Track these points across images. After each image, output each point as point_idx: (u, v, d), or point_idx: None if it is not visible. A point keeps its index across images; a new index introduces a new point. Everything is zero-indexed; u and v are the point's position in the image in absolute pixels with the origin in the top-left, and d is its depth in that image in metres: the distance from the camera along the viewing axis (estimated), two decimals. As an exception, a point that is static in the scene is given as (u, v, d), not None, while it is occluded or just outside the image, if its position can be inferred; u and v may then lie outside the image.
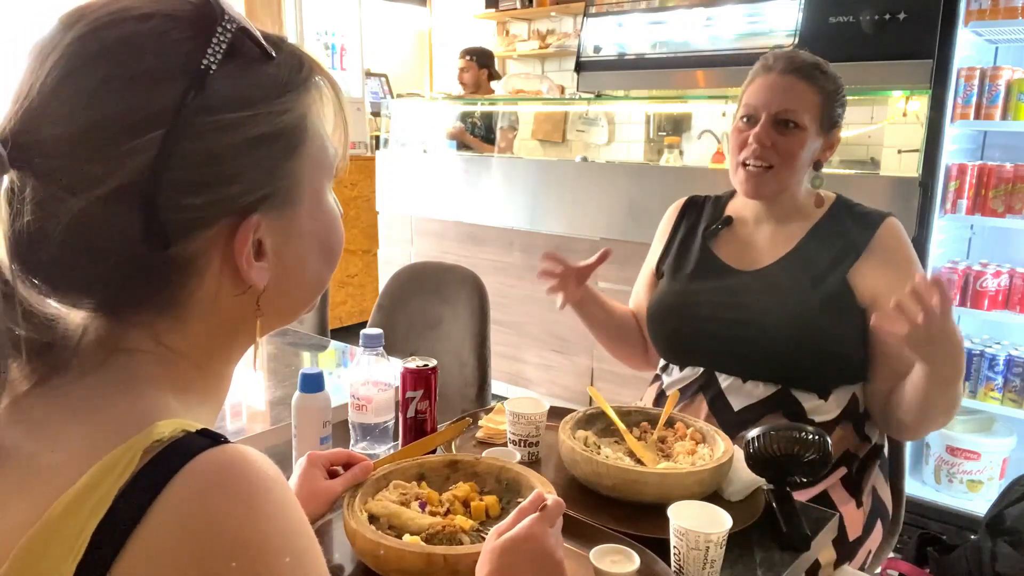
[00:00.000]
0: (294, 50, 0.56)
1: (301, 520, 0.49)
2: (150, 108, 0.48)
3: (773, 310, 1.37)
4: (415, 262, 2.49)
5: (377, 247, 4.16)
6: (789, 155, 1.38)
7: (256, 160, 0.52)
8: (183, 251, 0.51)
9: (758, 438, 1.05)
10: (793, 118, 1.37)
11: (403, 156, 3.92)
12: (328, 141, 0.59)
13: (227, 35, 0.51)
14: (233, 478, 0.46)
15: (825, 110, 1.39)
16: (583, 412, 1.24)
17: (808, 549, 1.00)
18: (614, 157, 4.49)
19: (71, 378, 0.53)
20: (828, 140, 1.43)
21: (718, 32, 2.98)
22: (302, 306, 0.62)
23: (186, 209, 0.50)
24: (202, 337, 0.56)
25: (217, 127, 0.50)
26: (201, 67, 0.49)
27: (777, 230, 1.46)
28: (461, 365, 2.07)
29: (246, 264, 0.54)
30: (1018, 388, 2.39)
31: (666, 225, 1.64)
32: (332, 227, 0.61)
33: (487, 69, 4.60)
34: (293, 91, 0.54)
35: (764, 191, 1.41)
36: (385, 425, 1.29)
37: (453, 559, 0.82)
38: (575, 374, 3.29)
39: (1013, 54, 2.53)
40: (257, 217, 0.53)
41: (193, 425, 0.49)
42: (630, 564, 0.86)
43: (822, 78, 1.39)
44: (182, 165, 0.49)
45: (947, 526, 2.39)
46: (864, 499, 1.39)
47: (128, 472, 0.45)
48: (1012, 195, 2.33)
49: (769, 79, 1.40)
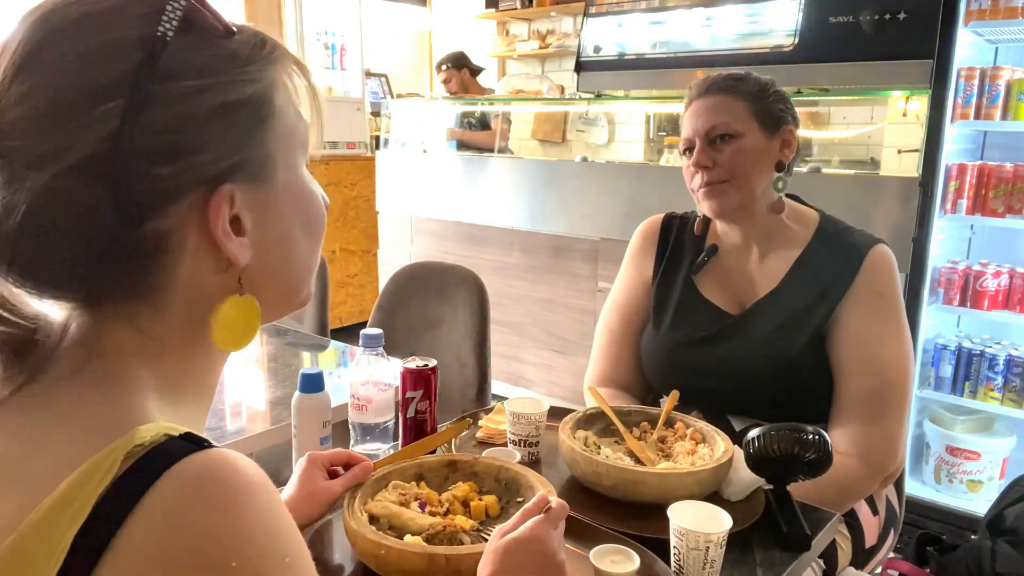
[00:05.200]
0: (257, 31, 0.56)
1: (287, 524, 0.48)
2: (107, 78, 0.48)
3: (759, 356, 1.35)
4: (415, 262, 2.49)
5: (377, 247, 4.16)
6: (735, 164, 1.34)
7: (221, 129, 0.52)
8: (157, 227, 0.51)
9: (758, 438, 1.05)
10: (723, 131, 1.34)
11: (403, 156, 3.92)
12: (300, 120, 0.59)
13: (180, 3, 0.51)
14: (215, 483, 0.46)
15: (757, 109, 1.35)
16: (583, 412, 1.24)
17: (808, 549, 1.00)
18: (614, 157, 4.49)
19: (52, 380, 0.52)
20: (781, 138, 1.37)
21: (718, 32, 2.98)
22: (294, 291, 0.61)
23: (154, 180, 0.49)
24: (185, 324, 0.55)
25: (178, 95, 0.50)
26: (156, 35, 0.50)
27: (763, 261, 1.42)
28: (461, 365, 2.07)
29: (223, 235, 0.53)
30: (1018, 388, 2.39)
31: (648, 242, 1.55)
32: (311, 202, 0.60)
33: (466, 68, 4.64)
34: (255, 63, 0.54)
35: (728, 206, 1.36)
36: (385, 425, 1.29)
37: (455, 559, 0.82)
38: (575, 374, 3.29)
39: (1013, 54, 2.53)
40: (230, 187, 0.53)
41: (176, 429, 0.48)
42: (630, 564, 0.86)
43: (739, 85, 1.36)
44: (145, 135, 0.49)
45: (947, 526, 2.39)
46: (880, 507, 1.39)
47: (108, 478, 0.45)
48: (1012, 195, 2.33)
49: (694, 107, 1.38)
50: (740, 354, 1.36)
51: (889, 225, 2.37)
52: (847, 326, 1.32)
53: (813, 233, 1.40)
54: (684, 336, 1.43)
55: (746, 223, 1.41)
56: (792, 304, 1.35)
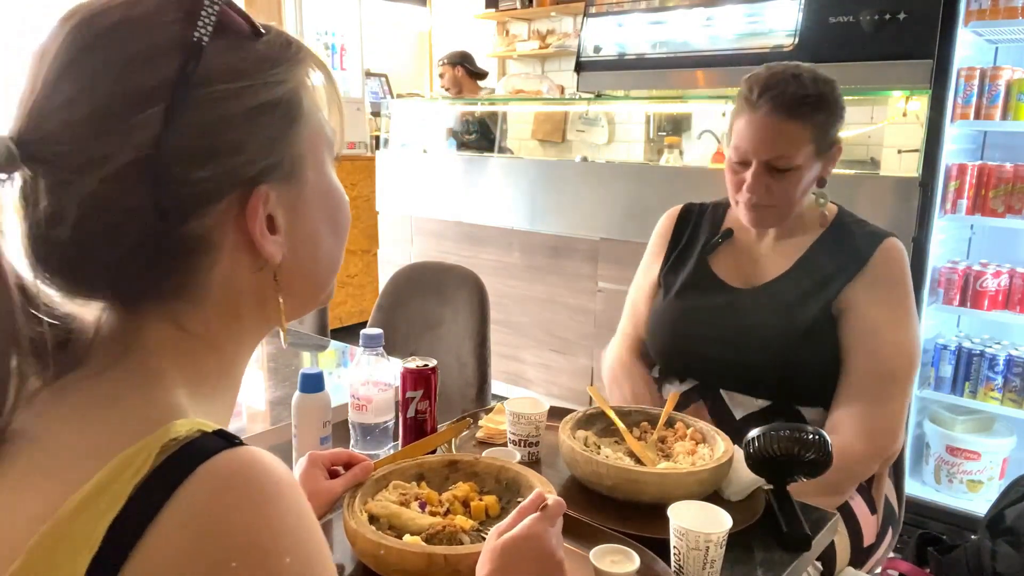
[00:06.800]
0: (281, 31, 0.58)
1: (312, 524, 0.50)
2: (149, 84, 0.50)
3: (764, 330, 1.36)
4: (415, 262, 2.49)
5: (377, 247, 4.16)
6: (786, 194, 1.35)
7: (257, 129, 0.53)
8: (197, 227, 0.52)
9: (758, 438, 1.05)
10: (785, 164, 1.31)
11: (403, 156, 3.92)
12: (324, 119, 0.60)
13: (214, 9, 0.52)
14: (247, 480, 0.47)
15: (820, 139, 1.33)
16: (583, 412, 1.24)
17: (808, 549, 1.00)
18: (614, 157, 4.49)
19: (87, 374, 0.53)
20: (829, 157, 1.38)
21: (718, 32, 2.97)
22: (320, 288, 0.63)
23: (195, 183, 0.51)
24: (219, 321, 0.57)
25: (216, 98, 0.51)
26: (193, 41, 0.51)
27: (777, 244, 1.45)
28: (461, 365, 2.07)
29: (260, 235, 0.54)
30: (1018, 388, 2.39)
31: (663, 236, 1.60)
32: (339, 202, 0.62)
33: (462, 67, 4.65)
34: (284, 64, 0.56)
35: (767, 224, 1.41)
36: (385, 425, 1.29)
37: (454, 559, 0.82)
38: (575, 374, 3.29)
39: (1013, 54, 2.53)
40: (266, 188, 0.54)
41: (209, 425, 0.49)
42: (630, 564, 0.86)
43: (810, 110, 1.29)
44: (186, 137, 0.50)
45: (947, 526, 2.39)
46: (878, 506, 1.39)
47: (144, 470, 0.46)
48: (1012, 195, 2.33)
49: (756, 120, 1.31)
50: (745, 327, 1.38)
51: (889, 225, 2.33)
52: (858, 310, 1.34)
53: (830, 223, 1.43)
54: (691, 304, 1.45)
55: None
56: (803, 284, 1.38)
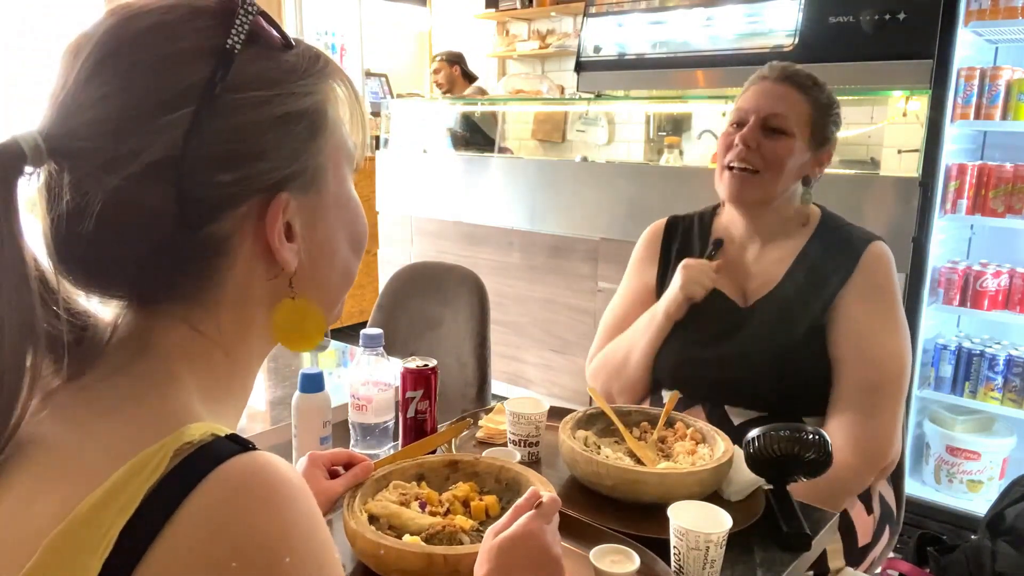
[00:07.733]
0: (311, 45, 0.59)
1: (323, 529, 0.50)
2: (180, 86, 0.50)
3: (759, 348, 1.36)
4: (415, 262, 2.49)
5: (377, 247, 4.16)
6: (775, 160, 1.36)
7: (282, 138, 0.54)
8: (216, 230, 0.53)
9: (758, 438, 1.05)
10: (782, 125, 1.36)
11: (403, 156, 3.92)
12: (347, 132, 0.60)
13: (248, 18, 0.53)
14: (260, 484, 0.47)
15: (816, 123, 1.38)
16: (583, 412, 1.24)
17: (808, 549, 1.00)
18: (614, 157, 4.49)
19: (102, 375, 0.53)
20: (818, 156, 1.41)
21: (718, 32, 2.98)
22: (333, 299, 0.64)
23: (217, 185, 0.51)
24: (232, 326, 0.57)
25: (244, 104, 0.52)
26: (226, 47, 0.52)
27: (763, 254, 1.45)
28: (461, 365, 2.07)
29: (278, 241, 0.55)
30: (1018, 388, 2.39)
31: (651, 245, 1.57)
32: (357, 215, 0.63)
33: (458, 66, 4.69)
34: (312, 76, 0.56)
35: (747, 195, 1.40)
36: (385, 425, 1.29)
37: (453, 559, 0.82)
38: (575, 374, 3.29)
39: (1013, 54, 2.53)
40: (286, 195, 0.55)
41: (222, 430, 0.50)
42: (630, 564, 0.86)
43: (816, 90, 1.38)
44: (212, 141, 0.51)
45: (947, 526, 2.39)
46: (874, 505, 1.39)
47: (158, 473, 0.46)
48: (1012, 195, 2.33)
49: (763, 86, 1.40)
50: (743, 348, 1.38)
51: (889, 225, 2.37)
52: (846, 319, 1.34)
53: (814, 230, 1.43)
54: (695, 335, 1.44)
55: (755, 217, 1.44)
56: (792, 298, 1.38)
